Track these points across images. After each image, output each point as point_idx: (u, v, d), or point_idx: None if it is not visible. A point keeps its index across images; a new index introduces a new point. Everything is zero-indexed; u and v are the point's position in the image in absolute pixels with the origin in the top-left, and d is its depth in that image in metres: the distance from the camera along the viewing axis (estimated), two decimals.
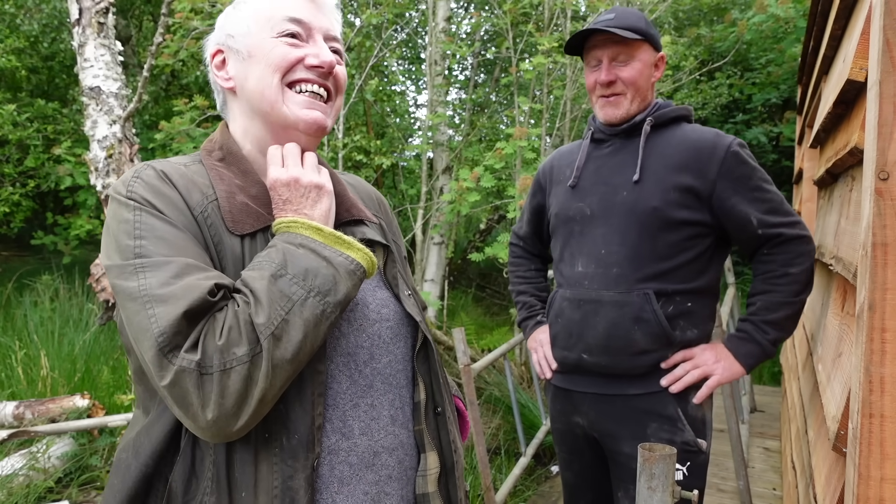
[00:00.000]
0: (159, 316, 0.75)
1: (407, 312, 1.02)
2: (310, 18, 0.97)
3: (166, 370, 0.74)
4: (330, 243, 0.86)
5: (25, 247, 8.84)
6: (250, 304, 0.79)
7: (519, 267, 1.98)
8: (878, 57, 0.81)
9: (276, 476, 0.82)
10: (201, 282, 0.78)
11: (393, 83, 8.45)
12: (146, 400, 0.90)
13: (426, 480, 0.99)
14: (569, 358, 1.67)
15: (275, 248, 0.85)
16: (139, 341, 0.76)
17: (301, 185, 0.91)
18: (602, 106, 1.64)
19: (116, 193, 0.87)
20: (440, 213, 5.22)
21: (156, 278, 0.78)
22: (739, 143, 1.56)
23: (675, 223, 1.53)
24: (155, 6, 9.19)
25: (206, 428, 0.76)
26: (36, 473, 3.21)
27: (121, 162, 3.50)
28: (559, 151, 1.84)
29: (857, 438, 0.82)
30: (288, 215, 0.89)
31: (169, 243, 0.82)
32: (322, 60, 0.95)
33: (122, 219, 0.84)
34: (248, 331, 0.77)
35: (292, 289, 0.80)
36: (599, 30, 1.56)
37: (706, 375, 1.57)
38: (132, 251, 0.81)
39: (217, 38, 1.01)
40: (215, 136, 1.01)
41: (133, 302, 0.77)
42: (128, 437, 0.91)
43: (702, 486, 1.60)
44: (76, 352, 4.54)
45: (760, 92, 7.92)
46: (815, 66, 2.56)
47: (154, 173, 0.88)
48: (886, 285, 0.79)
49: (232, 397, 0.75)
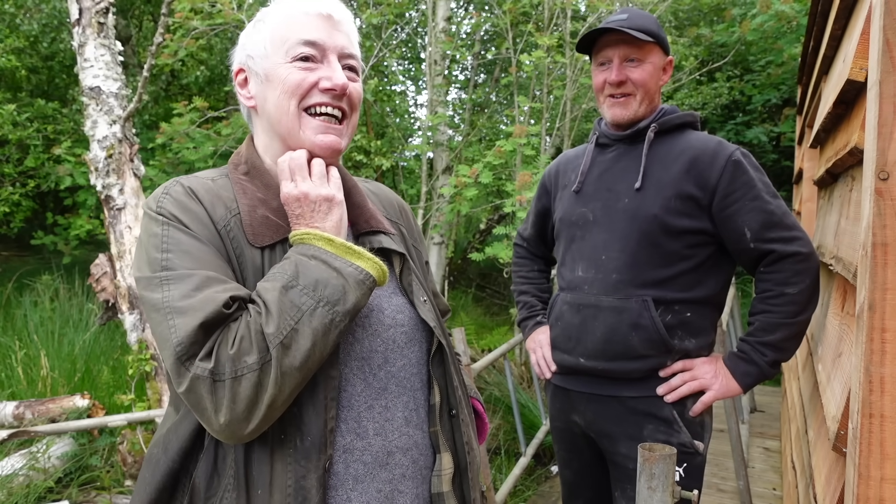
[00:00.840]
0: (178, 327, 0.81)
1: (422, 318, 1.04)
2: (324, 39, 0.98)
3: (183, 377, 0.80)
4: (341, 254, 0.90)
5: (25, 247, 8.84)
6: (262, 315, 0.83)
7: (522, 267, 1.99)
8: (878, 57, 0.81)
9: (290, 475, 0.87)
10: (218, 294, 0.83)
11: (393, 83, 8.45)
12: (177, 399, 0.95)
13: (441, 480, 1.02)
14: (567, 361, 1.67)
15: (289, 260, 0.89)
16: (161, 349, 0.83)
17: (310, 200, 0.94)
18: (610, 106, 1.62)
19: (148, 209, 0.93)
20: (440, 213, 5.22)
21: (178, 290, 0.84)
22: (742, 152, 1.54)
23: (676, 231, 1.52)
24: (155, 6, 9.19)
25: (219, 431, 0.82)
26: (36, 473, 3.21)
27: (121, 162, 3.50)
28: (565, 155, 1.84)
29: (857, 438, 0.82)
30: (301, 228, 0.93)
31: (193, 257, 0.88)
32: (335, 84, 0.97)
33: (152, 233, 0.90)
34: (259, 340, 0.81)
35: (302, 299, 0.84)
36: (612, 29, 1.55)
37: (703, 389, 1.56)
38: (159, 264, 0.87)
39: (239, 57, 1.04)
40: (241, 150, 1.06)
41: (157, 313, 0.84)
42: (159, 433, 0.97)
43: (698, 487, 1.59)
44: (76, 352, 4.54)
45: (760, 93, 7.93)
46: (815, 67, 2.56)
47: (182, 189, 0.94)
48: (886, 285, 0.79)
49: (242, 403, 0.80)
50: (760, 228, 1.49)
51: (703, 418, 1.61)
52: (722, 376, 1.56)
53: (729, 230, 1.52)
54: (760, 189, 1.51)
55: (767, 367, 1.52)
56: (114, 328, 5.01)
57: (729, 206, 1.51)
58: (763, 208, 1.49)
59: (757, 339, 1.52)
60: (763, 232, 1.49)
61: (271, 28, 1.00)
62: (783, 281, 1.49)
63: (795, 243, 1.48)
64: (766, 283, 1.52)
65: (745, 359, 1.54)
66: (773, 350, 1.51)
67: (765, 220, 1.49)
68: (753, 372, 1.53)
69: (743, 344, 1.56)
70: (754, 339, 1.53)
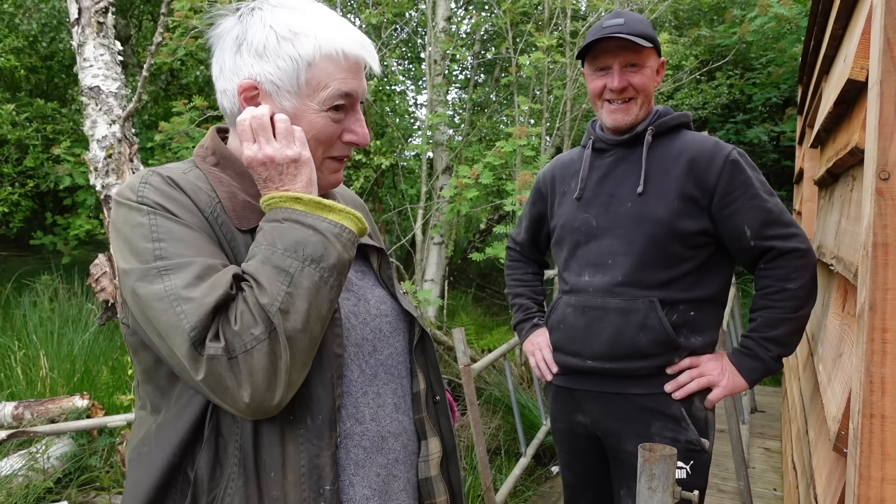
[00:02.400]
0: (188, 313, 0.79)
1: (404, 309, 1.08)
2: (357, 88, 0.96)
3: (199, 362, 0.79)
4: (311, 210, 0.89)
5: (25, 247, 8.84)
6: (253, 289, 0.83)
7: (516, 270, 1.99)
8: (879, 56, 0.81)
9: (303, 455, 0.88)
10: (222, 277, 0.83)
11: (393, 83, 8.45)
12: (156, 399, 0.93)
13: (428, 465, 1.06)
14: (571, 362, 1.67)
15: (262, 231, 0.88)
16: (170, 338, 0.81)
17: (277, 163, 0.90)
18: (611, 112, 1.62)
19: (124, 199, 0.89)
20: (440, 213, 5.22)
21: (180, 279, 0.82)
22: (739, 151, 1.56)
23: (680, 233, 1.54)
24: (155, 6, 9.19)
25: (246, 408, 0.81)
26: (35, 474, 3.20)
27: (120, 162, 3.49)
28: (559, 160, 1.84)
29: (857, 439, 0.81)
30: (270, 192, 0.92)
31: (188, 244, 0.86)
32: (361, 140, 0.98)
33: (135, 223, 0.87)
34: (258, 311, 0.81)
35: (286, 262, 0.84)
36: (612, 36, 1.55)
37: (710, 385, 1.58)
38: (151, 254, 0.84)
39: (254, 71, 0.93)
40: (206, 142, 1.02)
41: (160, 302, 0.81)
42: (140, 434, 0.94)
43: (704, 485, 1.61)
44: (75, 352, 4.54)
45: (761, 92, 7.92)
46: (815, 66, 2.56)
47: (161, 179, 0.91)
48: (887, 285, 0.79)
49: (261, 374, 0.80)
50: (760, 226, 1.51)
51: (706, 416, 1.62)
52: (728, 372, 1.58)
53: (729, 229, 1.54)
54: (758, 188, 1.53)
55: (772, 361, 1.55)
56: (113, 328, 5.00)
57: (728, 206, 1.52)
58: (761, 206, 1.52)
59: (761, 335, 1.55)
60: (762, 230, 1.51)
61: (309, 63, 0.92)
62: (784, 277, 1.51)
63: (794, 240, 1.51)
64: (767, 280, 1.54)
65: (749, 354, 1.57)
66: (776, 345, 1.54)
67: (764, 218, 1.51)
68: (759, 367, 1.56)
69: (747, 340, 1.58)
70: (758, 334, 1.55)
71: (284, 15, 0.93)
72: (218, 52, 0.97)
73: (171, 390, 0.91)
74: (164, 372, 0.91)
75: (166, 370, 0.90)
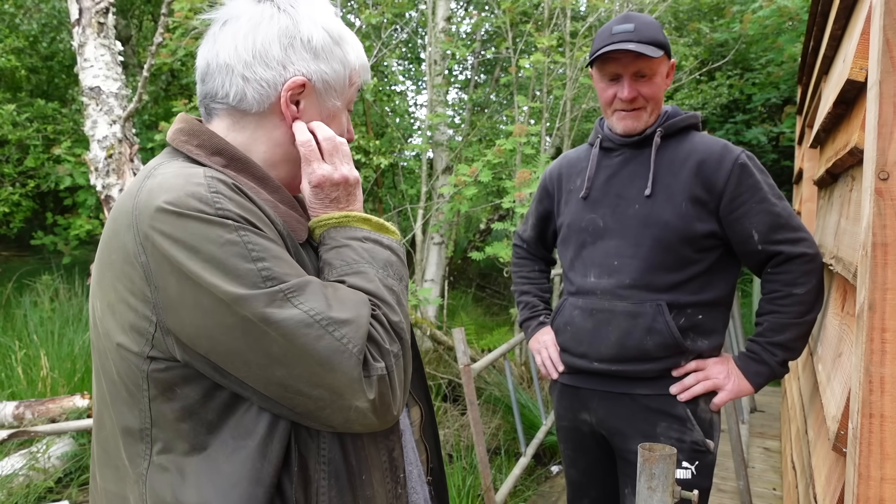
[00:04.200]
0: (350, 336, 0.78)
1: None
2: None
3: (370, 385, 0.79)
4: (378, 231, 0.94)
5: (25, 247, 8.84)
6: (381, 307, 0.85)
7: (522, 268, 1.98)
8: (878, 57, 0.81)
9: (384, 452, 0.93)
10: (352, 295, 0.83)
11: (393, 83, 8.44)
12: (199, 436, 0.81)
13: (412, 430, 1.10)
14: (577, 363, 1.67)
15: (351, 248, 0.89)
16: (333, 364, 0.76)
17: (350, 184, 0.93)
18: (621, 119, 1.61)
19: (196, 212, 0.76)
20: (440, 213, 5.22)
21: (314, 301, 0.78)
22: (748, 154, 1.55)
23: (688, 236, 1.54)
24: (155, 6, 9.18)
25: (389, 420, 0.84)
26: (36, 473, 3.20)
27: (121, 162, 3.50)
28: (566, 157, 1.83)
29: (857, 438, 0.82)
30: (335, 212, 0.92)
31: (287, 262, 0.80)
32: (351, 137, 1.02)
33: (223, 241, 0.75)
34: (391, 329, 0.84)
35: (390, 282, 0.88)
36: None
37: (715, 388, 1.58)
38: (258, 275, 0.76)
39: (309, 69, 0.89)
40: (204, 138, 0.89)
41: (310, 328, 0.76)
42: (161, 490, 0.81)
43: (709, 485, 1.61)
44: (76, 352, 4.54)
45: (760, 92, 7.92)
46: (815, 66, 2.56)
47: (227, 187, 0.80)
48: (886, 285, 0.79)
49: (399, 388, 0.84)
50: (768, 230, 1.51)
51: (711, 418, 1.62)
52: (734, 376, 1.58)
53: (737, 232, 1.53)
54: (766, 191, 1.52)
55: (778, 366, 1.55)
56: None
57: (737, 209, 1.52)
58: (770, 210, 1.51)
59: (767, 340, 1.55)
60: (770, 234, 1.51)
61: (353, 66, 0.95)
62: (791, 282, 1.51)
63: (802, 244, 1.51)
64: (775, 284, 1.54)
65: (755, 359, 1.56)
66: (782, 350, 1.53)
67: (772, 221, 1.51)
68: (764, 371, 1.56)
69: (753, 344, 1.58)
70: (764, 339, 1.55)
71: (328, 17, 0.93)
72: (232, 33, 0.88)
73: (224, 422, 0.81)
74: (215, 404, 0.81)
75: (219, 402, 0.81)
